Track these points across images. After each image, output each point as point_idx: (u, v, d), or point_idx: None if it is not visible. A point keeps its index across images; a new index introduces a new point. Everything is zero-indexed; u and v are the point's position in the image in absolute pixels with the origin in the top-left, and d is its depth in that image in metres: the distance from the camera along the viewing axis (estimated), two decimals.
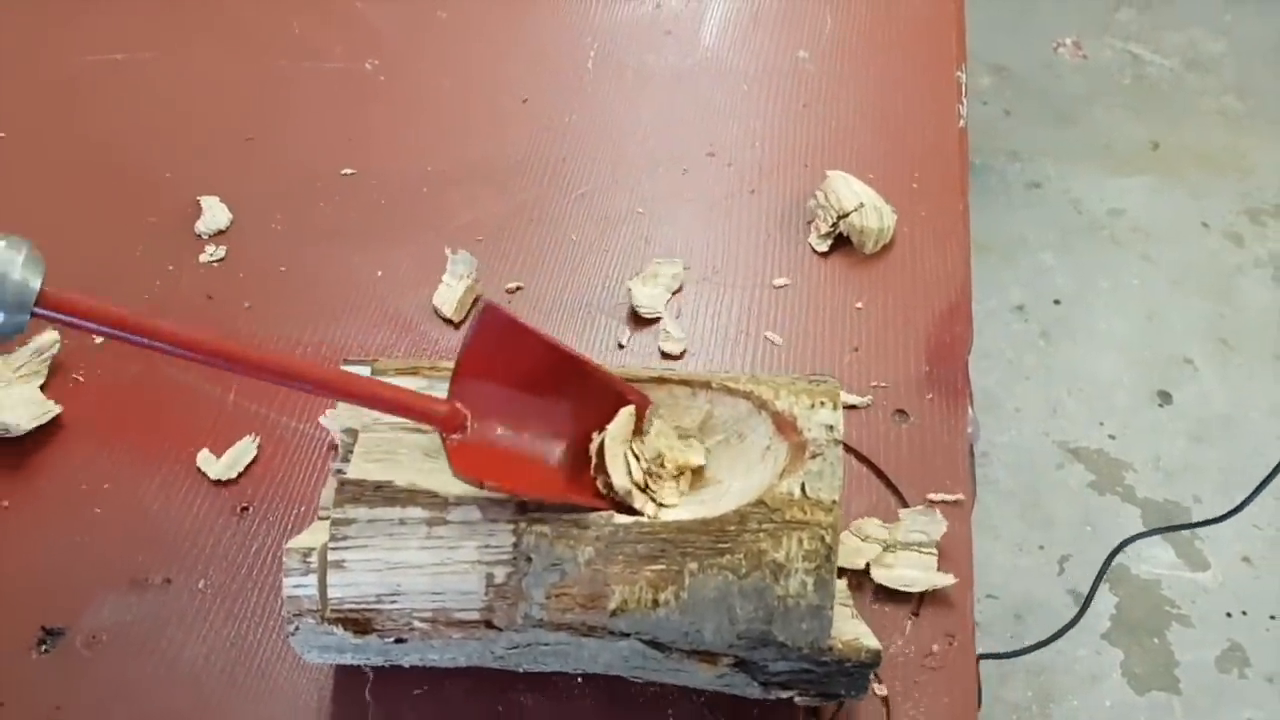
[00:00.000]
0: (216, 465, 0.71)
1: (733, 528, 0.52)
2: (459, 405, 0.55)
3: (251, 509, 0.69)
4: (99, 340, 0.75)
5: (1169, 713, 1.50)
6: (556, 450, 0.58)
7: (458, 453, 0.54)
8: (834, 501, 0.53)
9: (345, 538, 0.54)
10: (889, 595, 0.64)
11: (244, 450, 0.72)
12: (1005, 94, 2.28)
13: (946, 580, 0.63)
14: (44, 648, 0.64)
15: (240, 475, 0.71)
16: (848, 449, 0.69)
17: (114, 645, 0.64)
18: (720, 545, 0.52)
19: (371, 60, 0.94)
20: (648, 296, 0.77)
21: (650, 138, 0.89)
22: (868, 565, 0.64)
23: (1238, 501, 1.00)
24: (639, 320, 0.77)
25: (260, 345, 0.54)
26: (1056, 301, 1.94)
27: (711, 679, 0.55)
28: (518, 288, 0.80)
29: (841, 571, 0.62)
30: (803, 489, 0.53)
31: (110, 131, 0.89)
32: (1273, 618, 1.57)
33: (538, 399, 0.58)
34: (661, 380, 0.60)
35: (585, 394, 0.58)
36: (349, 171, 0.87)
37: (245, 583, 0.66)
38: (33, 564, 0.67)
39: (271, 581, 0.66)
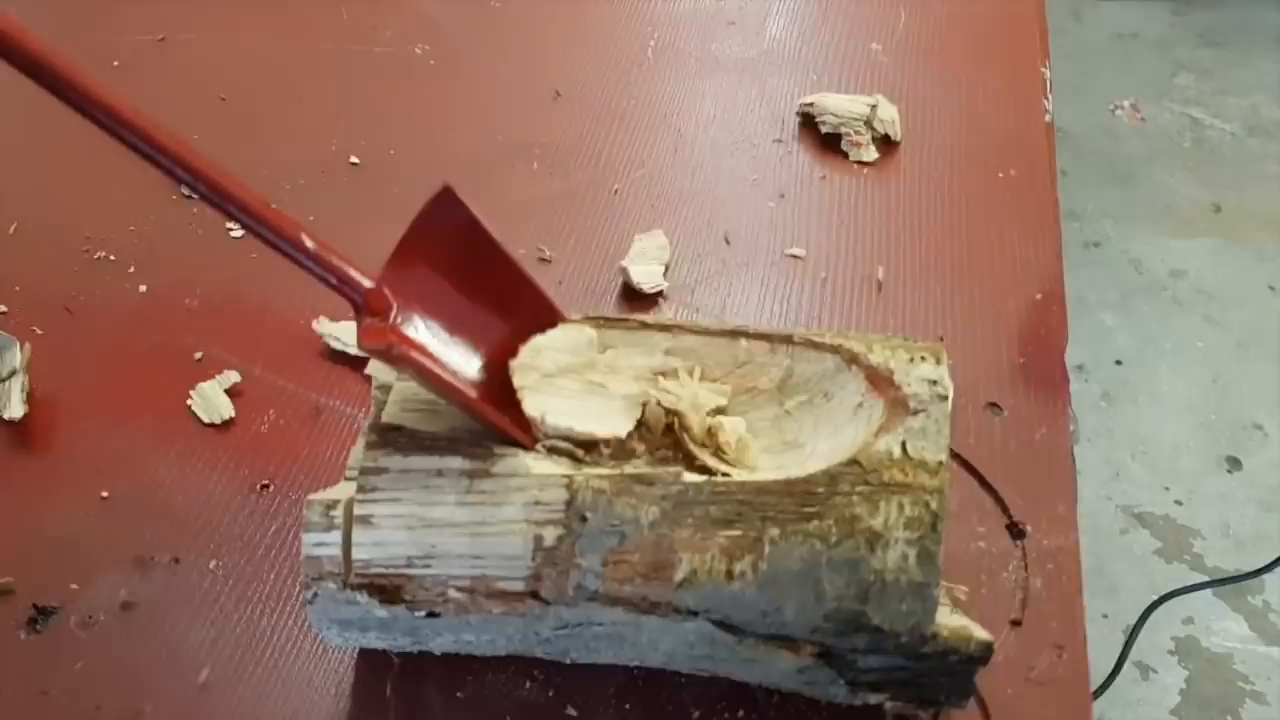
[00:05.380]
0: (201, 405, 0.66)
1: (821, 490, 0.45)
2: (386, 290, 0.47)
3: (273, 486, 0.63)
4: None
5: None
6: (478, 365, 0.50)
7: (371, 331, 0.46)
8: (940, 463, 0.45)
9: (374, 489, 0.46)
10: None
11: (221, 380, 0.67)
12: (1062, 155, 2.20)
13: None
14: (35, 627, 0.57)
15: (221, 425, 0.66)
16: None
17: (112, 627, 0.57)
18: (807, 509, 0.45)
19: (421, 45, 0.90)
20: (642, 273, 0.72)
21: (714, 123, 0.83)
22: None
23: None
24: (639, 296, 0.72)
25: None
26: (1118, 362, 1.87)
27: (791, 672, 0.48)
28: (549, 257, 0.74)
29: None
30: (903, 448, 0.46)
31: (150, 111, 0.85)
32: None
33: (474, 308, 0.50)
34: (736, 334, 0.53)
35: (523, 314, 0.51)
36: (393, 151, 0.82)
37: (261, 565, 0.60)
38: (28, 539, 0.60)
39: (291, 564, 0.59)
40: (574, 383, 0.49)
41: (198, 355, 0.69)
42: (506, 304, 0.51)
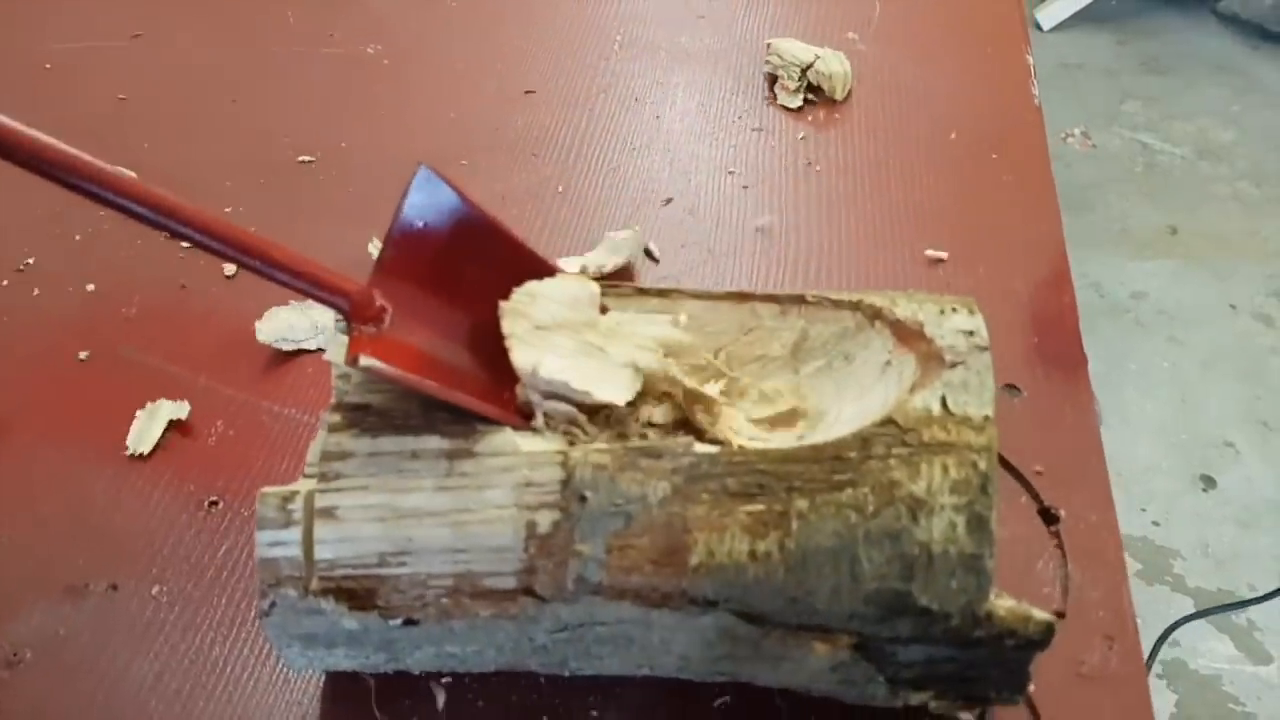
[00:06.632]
0: (133, 435, 0.59)
1: (854, 454, 0.39)
2: (377, 294, 0.43)
3: (222, 503, 0.56)
4: None
5: None
6: (484, 353, 0.45)
7: (360, 342, 0.41)
8: (986, 418, 0.40)
9: (339, 476, 0.40)
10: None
11: (158, 410, 0.60)
12: None
13: None
14: None
15: (161, 439, 0.59)
16: None
17: (40, 664, 0.50)
18: (838, 477, 0.39)
19: (373, 45, 0.85)
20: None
21: (689, 114, 0.79)
22: None
23: None
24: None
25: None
26: None
27: (824, 670, 0.42)
28: None
29: None
30: (944, 403, 0.40)
31: (82, 118, 0.79)
32: None
33: (473, 289, 0.46)
34: (743, 297, 0.47)
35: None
36: (343, 145, 0.76)
37: (211, 589, 0.53)
38: None
39: (245, 587, 0.53)
40: (569, 340, 0.43)
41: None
42: (507, 279, 0.45)
